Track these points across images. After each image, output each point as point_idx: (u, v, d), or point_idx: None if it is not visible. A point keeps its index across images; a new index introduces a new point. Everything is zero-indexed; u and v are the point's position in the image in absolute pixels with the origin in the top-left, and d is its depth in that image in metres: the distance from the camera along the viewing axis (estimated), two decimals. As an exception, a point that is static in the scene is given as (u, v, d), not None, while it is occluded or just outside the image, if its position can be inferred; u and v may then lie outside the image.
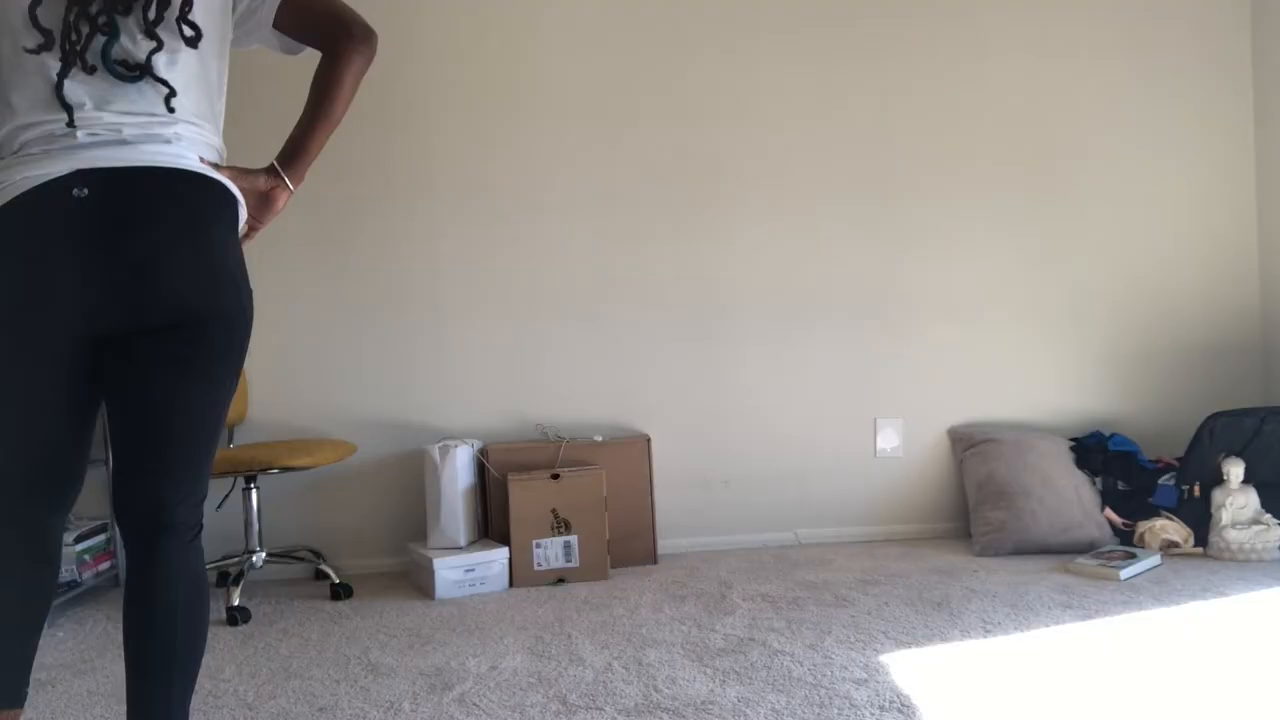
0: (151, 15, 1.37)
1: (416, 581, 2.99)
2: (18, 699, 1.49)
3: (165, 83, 1.39)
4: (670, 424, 3.34)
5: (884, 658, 2.16)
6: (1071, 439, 3.36)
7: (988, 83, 3.47)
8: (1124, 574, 2.74)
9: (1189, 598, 2.55)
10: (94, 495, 3.14)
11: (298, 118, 1.59)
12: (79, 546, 2.91)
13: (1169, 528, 3.05)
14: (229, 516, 3.17)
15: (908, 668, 2.09)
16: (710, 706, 1.92)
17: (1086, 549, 3.06)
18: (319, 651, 2.37)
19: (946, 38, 3.45)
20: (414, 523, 3.24)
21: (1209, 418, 3.14)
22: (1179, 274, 3.59)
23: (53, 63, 1.34)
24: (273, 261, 3.19)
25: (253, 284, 1.51)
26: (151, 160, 1.36)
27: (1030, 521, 3.08)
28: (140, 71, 1.38)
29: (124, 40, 1.37)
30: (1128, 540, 3.11)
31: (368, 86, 3.32)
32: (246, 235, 1.57)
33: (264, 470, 2.66)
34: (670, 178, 3.33)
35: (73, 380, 1.40)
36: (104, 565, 3.05)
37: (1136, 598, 2.56)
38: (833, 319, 3.41)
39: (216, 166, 1.46)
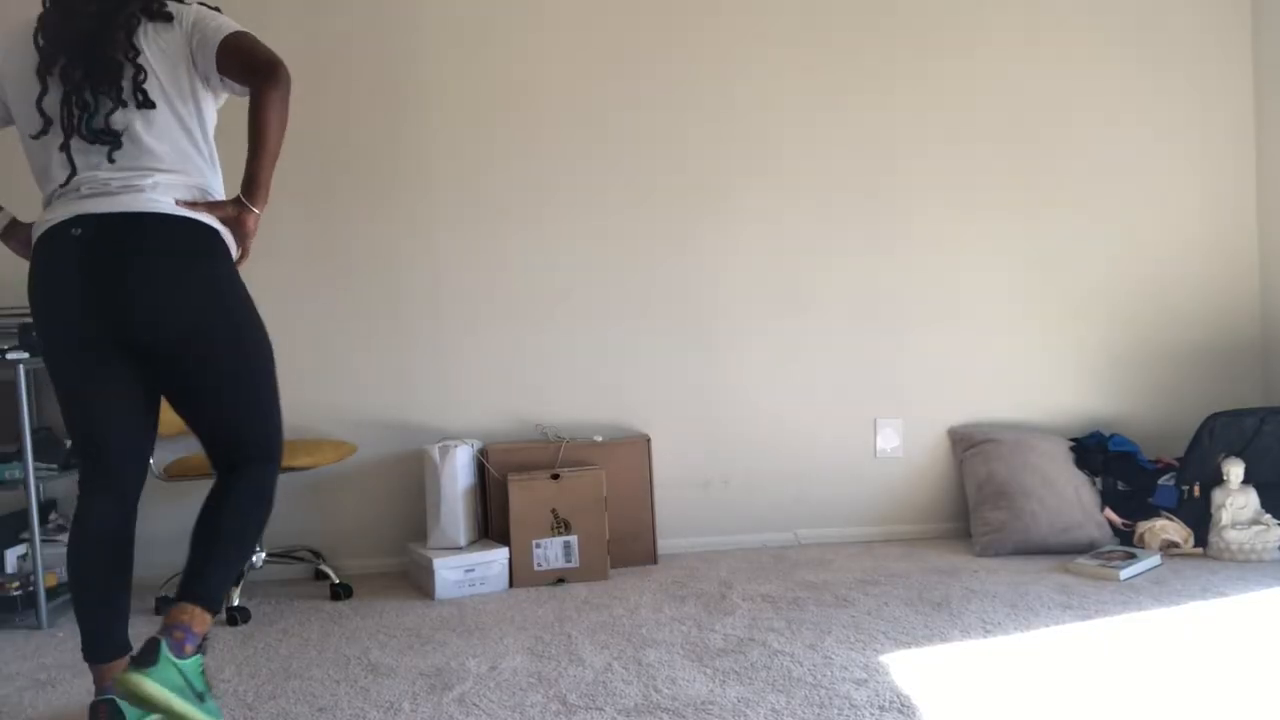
0: (121, 91, 1.77)
1: (416, 581, 2.99)
2: (128, 647, 1.92)
3: (139, 141, 1.78)
4: (670, 424, 3.34)
5: (884, 658, 2.16)
6: (1071, 439, 3.36)
7: (988, 84, 3.47)
8: (1124, 574, 2.74)
9: (1189, 598, 2.55)
10: (94, 495, 3.14)
11: None
12: (79, 546, 2.91)
13: (1169, 528, 3.05)
14: (229, 516, 3.17)
15: (908, 668, 2.09)
16: (710, 706, 1.92)
17: (1086, 549, 3.06)
18: (319, 651, 2.37)
19: (947, 39, 3.45)
20: (414, 523, 3.24)
21: (1209, 418, 3.14)
22: (1179, 274, 3.59)
23: (58, 137, 1.78)
24: (273, 263, 3.18)
25: (252, 284, 1.84)
26: (128, 207, 1.75)
27: (1030, 521, 3.08)
28: (118, 136, 1.78)
29: (102, 114, 1.77)
30: (1128, 540, 3.12)
31: (368, 88, 3.33)
32: (241, 257, 1.93)
33: (264, 470, 2.65)
34: (671, 178, 3.33)
35: (106, 377, 1.82)
36: (104, 565, 3.05)
37: (1136, 598, 2.56)
38: (833, 319, 3.41)
39: (194, 205, 1.81)
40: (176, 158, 1.82)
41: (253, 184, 1.85)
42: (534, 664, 2.21)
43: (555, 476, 2.96)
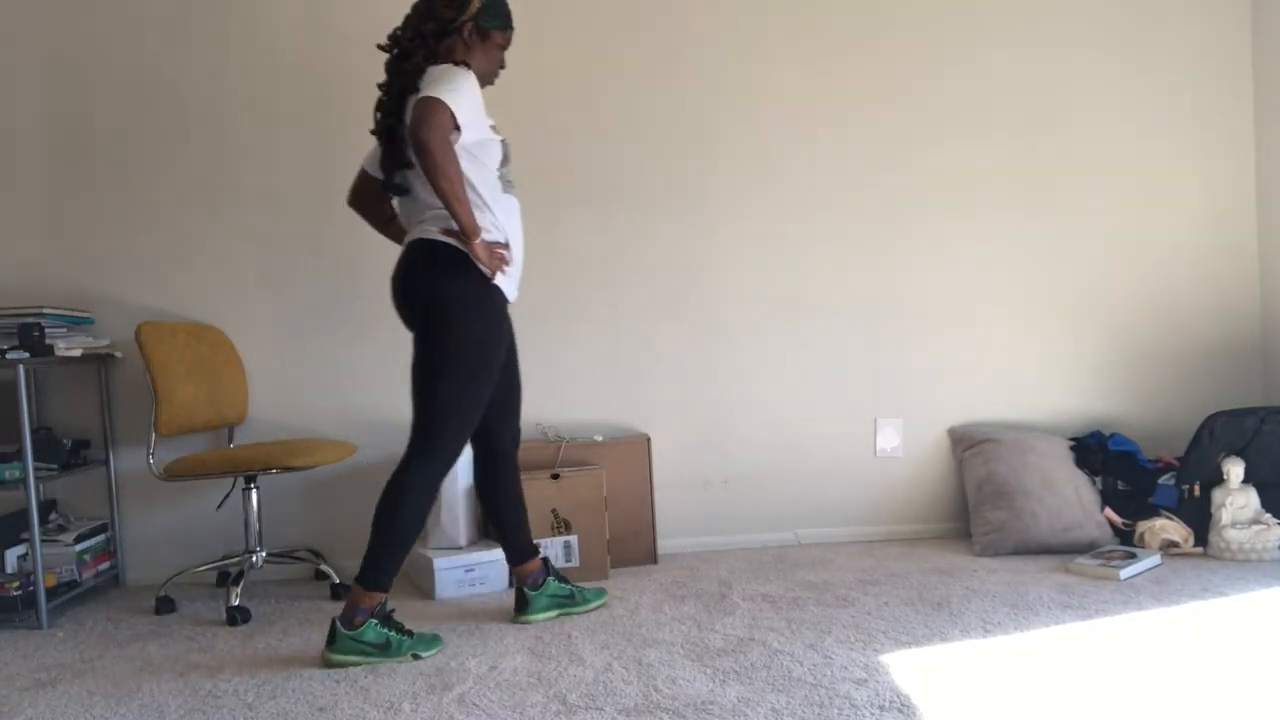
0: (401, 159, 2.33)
1: (417, 581, 2.99)
2: (536, 550, 2.58)
3: (411, 192, 2.34)
4: (670, 424, 3.35)
5: (884, 658, 2.16)
6: (1071, 439, 3.36)
7: (988, 84, 3.47)
8: (1124, 574, 2.74)
9: (1189, 598, 2.55)
10: (95, 496, 3.15)
11: None
12: (79, 547, 2.91)
13: (1169, 528, 3.05)
14: (229, 516, 3.18)
15: (908, 668, 2.09)
16: (710, 706, 1.92)
17: (1086, 549, 3.06)
18: (319, 651, 2.37)
19: (948, 40, 3.45)
20: (414, 523, 3.24)
21: (1209, 418, 3.14)
22: (1179, 274, 3.59)
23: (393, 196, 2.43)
24: (273, 263, 3.19)
25: (252, 285, 2.07)
26: (412, 236, 2.34)
27: (1030, 521, 3.08)
28: (406, 189, 2.35)
29: (397, 176, 2.35)
30: (1128, 540, 3.12)
31: (368, 92, 3.33)
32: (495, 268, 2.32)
33: (264, 470, 2.66)
34: (671, 178, 3.34)
35: None
36: (104, 565, 3.06)
37: (1136, 598, 2.56)
38: (833, 319, 3.41)
39: (449, 233, 2.26)
40: (436, 200, 2.32)
41: (456, 223, 2.23)
42: (534, 664, 2.21)
43: (555, 476, 2.96)
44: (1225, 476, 3.04)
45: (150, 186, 3.16)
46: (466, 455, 2.97)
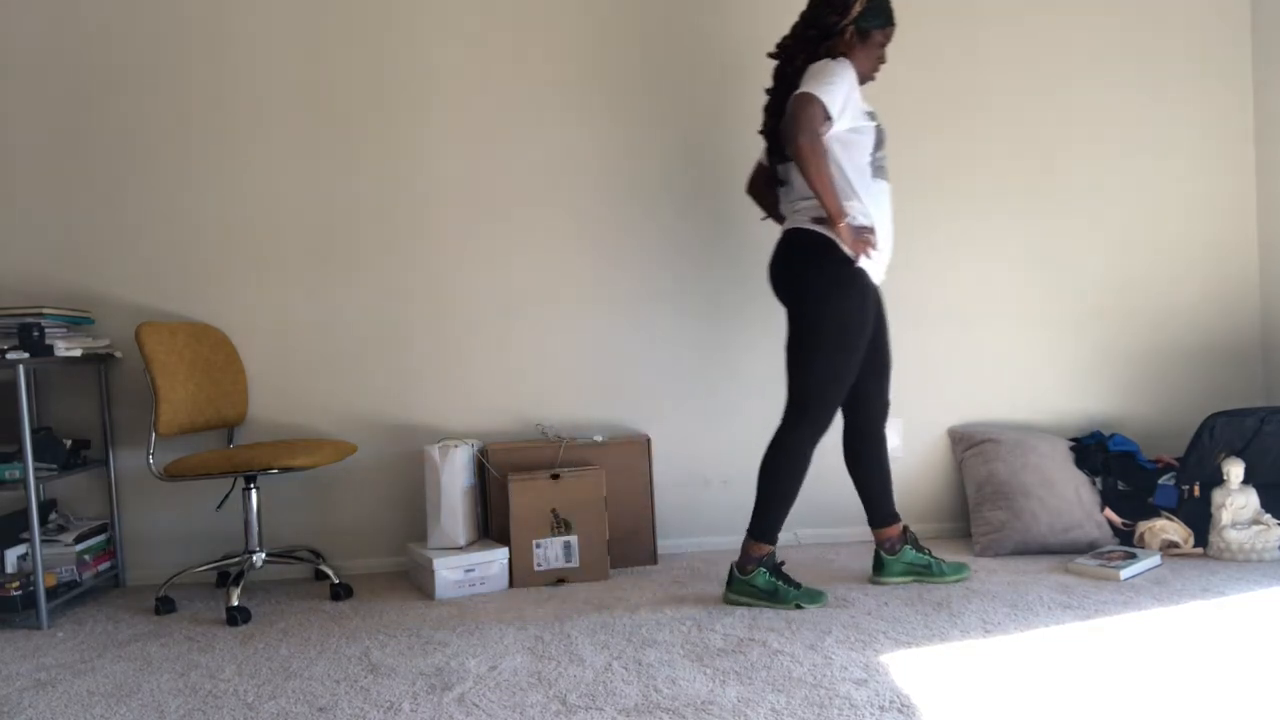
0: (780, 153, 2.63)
1: (416, 581, 2.99)
2: (897, 517, 2.79)
3: (788, 183, 2.62)
4: (670, 424, 3.35)
5: (884, 658, 2.16)
6: (1071, 439, 3.36)
7: (987, 84, 3.47)
8: (1124, 574, 2.74)
9: (1189, 598, 2.55)
10: (95, 496, 3.15)
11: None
12: (79, 547, 2.91)
13: (1169, 528, 3.05)
14: (229, 516, 3.18)
15: (908, 668, 2.09)
16: (710, 706, 1.92)
17: (1086, 549, 3.06)
18: (319, 651, 2.37)
19: (949, 40, 3.45)
20: (414, 523, 3.24)
21: (1209, 418, 3.14)
22: (1179, 274, 3.59)
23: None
24: (273, 263, 3.19)
25: (252, 285, 2.05)
26: (787, 225, 2.60)
27: (1030, 521, 3.08)
28: (784, 180, 2.64)
29: (780, 169, 2.66)
30: (1128, 540, 3.12)
31: (370, 87, 3.33)
32: (860, 251, 2.49)
33: (264, 470, 2.66)
34: (671, 178, 3.34)
35: None
36: (104, 565, 3.06)
37: (1136, 598, 2.56)
38: (833, 319, 3.41)
39: (818, 220, 2.49)
40: (807, 190, 2.57)
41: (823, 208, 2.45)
42: (534, 664, 2.21)
43: (555, 476, 2.96)
44: (1225, 477, 3.04)
45: (150, 186, 3.16)
46: (467, 454, 2.98)
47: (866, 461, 2.77)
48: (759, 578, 2.57)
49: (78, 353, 2.85)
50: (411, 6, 3.22)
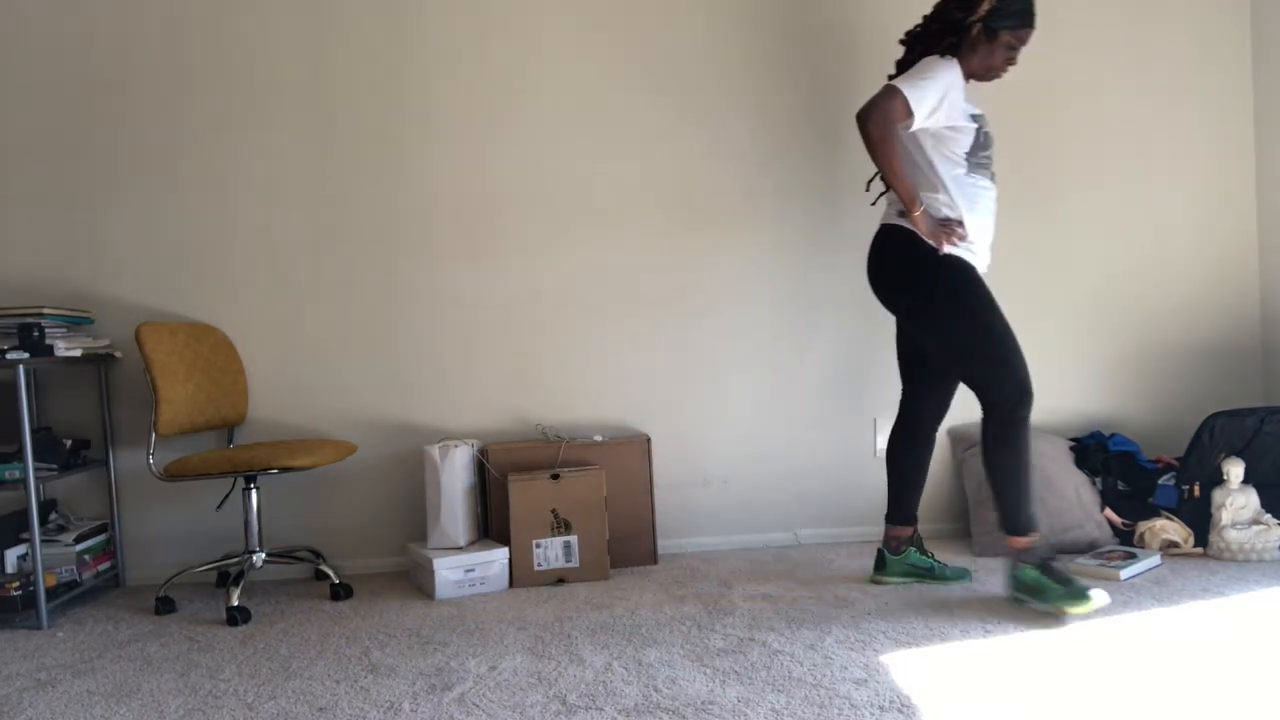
0: None
1: (416, 581, 2.99)
2: (914, 520, 2.78)
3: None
4: (670, 424, 3.35)
5: (884, 658, 2.16)
6: (1071, 439, 3.36)
7: (987, 84, 3.46)
8: (1124, 574, 2.74)
9: (1189, 598, 2.55)
10: (94, 495, 3.15)
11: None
12: (79, 547, 2.91)
13: (1169, 528, 3.05)
14: (229, 516, 3.18)
15: (908, 668, 2.09)
16: (710, 706, 1.92)
17: (1086, 549, 3.06)
18: (319, 651, 2.37)
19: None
20: (414, 523, 3.24)
21: (1209, 418, 3.14)
22: (1179, 274, 3.58)
23: None
24: (273, 263, 3.19)
25: (252, 285, 1.86)
26: (880, 224, 2.62)
27: (1030, 521, 3.08)
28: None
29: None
30: (1128, 540, 3.11)
31: (369, 93, 3.32)
32: (940, 241, 2.48)
33: (264, 470, 2.66)
34: (671, 179, 3.34)
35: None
36: (104, 565, 3.06)
37: (1136, 598, 2.56)
38: (833, 318, 3.41)
39: (902, 214, 2.50)
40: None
41: (900, 198, 2.46)
42: (534, 664, 2.21)
43: (555, 476, 2.96)
44: (1225, 477, 3.04)
45: (150, 186, 3.16)
46: (467, 454, 2.98)
47: (907, 458, 2.74)
48: (1026, 573, 2.46)
49: (78, 353, 2.86)
50: (412, 6, 3.22)
